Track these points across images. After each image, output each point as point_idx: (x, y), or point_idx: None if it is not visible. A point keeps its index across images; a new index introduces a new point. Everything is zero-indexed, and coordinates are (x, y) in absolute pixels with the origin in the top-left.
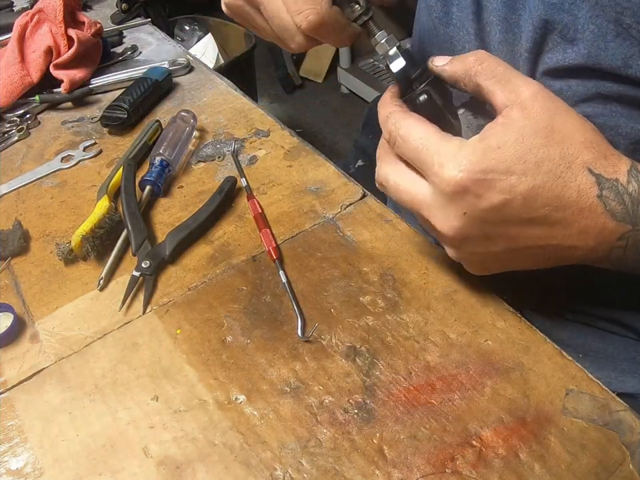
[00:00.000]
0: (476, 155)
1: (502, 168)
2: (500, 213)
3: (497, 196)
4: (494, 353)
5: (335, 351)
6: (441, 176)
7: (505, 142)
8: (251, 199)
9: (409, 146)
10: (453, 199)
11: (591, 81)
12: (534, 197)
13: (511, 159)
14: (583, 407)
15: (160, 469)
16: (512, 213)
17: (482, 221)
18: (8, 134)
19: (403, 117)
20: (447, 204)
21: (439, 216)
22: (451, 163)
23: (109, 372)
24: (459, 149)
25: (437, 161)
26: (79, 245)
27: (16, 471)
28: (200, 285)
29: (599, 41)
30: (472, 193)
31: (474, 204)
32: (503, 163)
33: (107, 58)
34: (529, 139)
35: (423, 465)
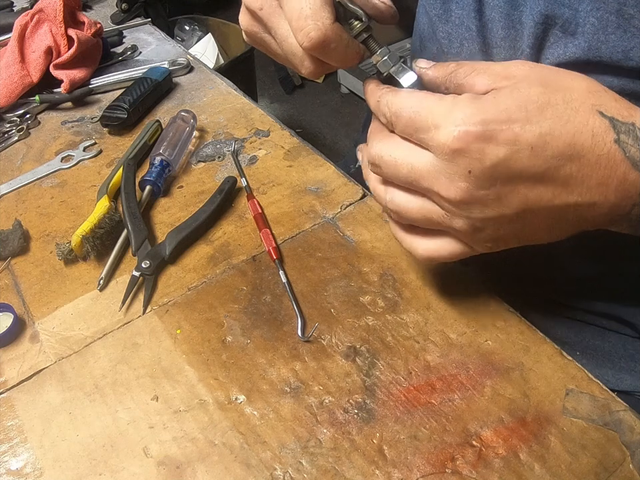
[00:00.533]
0: (471, 107)
1: (502, 117)
2: (507, 167)
3: (501, 148)
4: (494, 353)
5: (335, 350)
6: (438, 137)
7: (500, 93)
8: (251, 199)
9: (403, 119)
10: (454, 158)
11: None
12: (542, 146)
13: (510, 108)
14: (583, 407)
15: (160, 469)
16: (521, 167)
17: (490, 179)
18: (8, 134)
19: (393, 95)
20: (450, 165)
21: (443, 181)
22: (445, 121)
23: (109, 372)
24: (452, 105)
25: (431, 123)
26: (79, 244)
27: (16, 471)
28: (200, 285)
29: (599, 33)
30: (474, 148)
31: (478, 160)
32: (502, 112)
33: (107, 58)
34: (524, 89)
35: (423, 465)
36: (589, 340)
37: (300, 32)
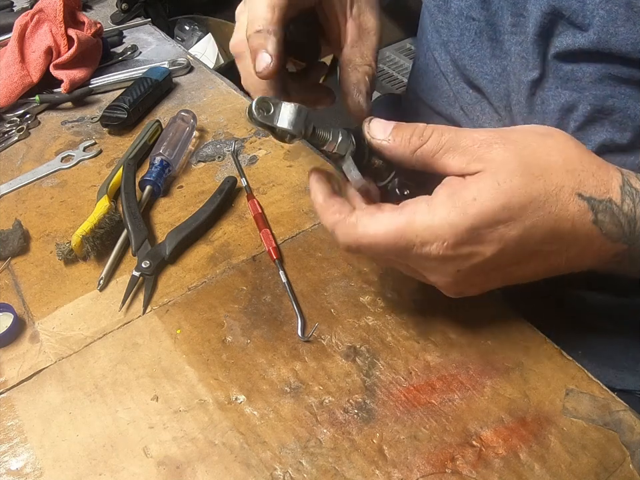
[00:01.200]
0: (452, 216)
1: (487, 221)
2: (494, 261)
3: (487, 249)
4: (494, 353)
5: (335, 350)
6: (427, 252)
7: (480, 191)
8: (251, 199)
9: (378, 248)
10: (444, 264)
11: (601, 63)
12: (527, 239)
13: (493, 209)
14: (583, 407)
15: (160, 469)
16: (506, 258)
17: (477, 272)
18: (8, 134)
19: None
20: (440, 269)
21: (431, 277)
22: (431, 236)
23: (109, 372)
24: (432, 217)
25: (417, 242)
26: (79, 244)
27: (16, 471)
28: (200, 285)
29: (608, 26)
30: (462, 254)
31: (467, 261)
32: (486, 215)
33: (106, 58)
34: (505, 182)
35: (423, 465)
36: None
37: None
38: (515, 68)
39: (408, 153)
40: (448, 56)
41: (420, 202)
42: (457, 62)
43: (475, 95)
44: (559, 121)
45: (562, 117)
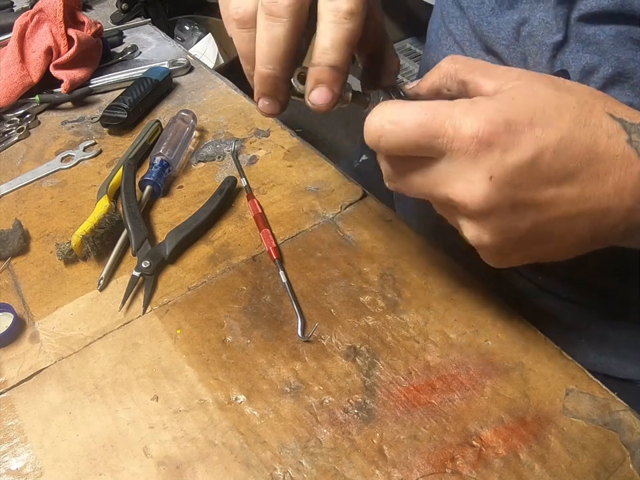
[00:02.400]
0: (493, 106)
1: (523, 118)
2: (530, 172)
3: (524, 151)
4: (494, 353)
5: (335, 350)
6: (459, 137)
7: (517, 94)
8: (251, 199)
9: (406, 130)
10: (476, 158)
11: (624, 26)
12: (564, 149)
13: (530, 109)
14: (583, 407)
15: (160, 469)
16: (542, 171)
17: (511, 185)
18: (8, 134)
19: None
20: (471, 167)
21: (461, 185)
22: (467, 119)
23: (109, 372)
24: (471, 105)
25: (449, 125)
26: (79, 244)
27: (16, 471)
28: (200, 285)
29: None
30: (498, 146)
31: (501, 161)
32: (523, 113)
33: (107, 58)
34: (540, 90)
35: (423, 465)
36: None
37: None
38: (537, 33)
39: (442, 77)
40: (467, 22)
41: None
42: (476, 28)
43: (491, 59)
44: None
45: (582, 79)
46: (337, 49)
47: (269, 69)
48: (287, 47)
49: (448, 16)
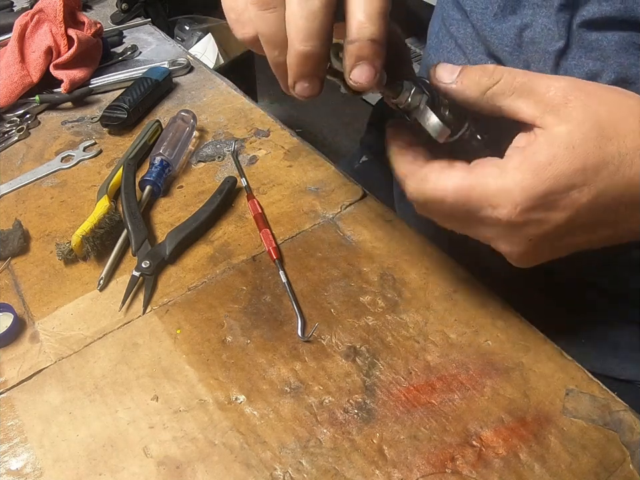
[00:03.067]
0: (527, 180)
1: (560, 186)
2: (566, 227)
3: (561, 215)
4: (494, 353)
5: (335, 350)
6: (497, 216)
7: (555, 156)
8: (251, 199)
9: (445, 205)
10: (515, 231)
11: (626, 31)
12: (598, 204)
13: (568, 173)
14: (583, 407)
15: (160, 469)
16: (578, 224)
17: (549, 240)
18: (8, 134)
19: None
20: (510, 237)
21: (503, 246)
22: (503, 200)
23: (109, 372)
24: (505, 181)
25: (486, 204)
26: (79, 244)
27: (16, 471)
28: (200, 285)
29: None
30: (534, 219)
31: (539, 228)
32: (561, 179)
33: (107, 58)
34: (580, 146)
35: (423, 465)
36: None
37: None
38: (539, 39)
39: (478, 94)
40: (469, 25)
41: (492, 165)
42: (479, 32)
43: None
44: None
45: None
46: (374, 21)
47: (309, 46)
48: (326, 20)
49: (449, 18)
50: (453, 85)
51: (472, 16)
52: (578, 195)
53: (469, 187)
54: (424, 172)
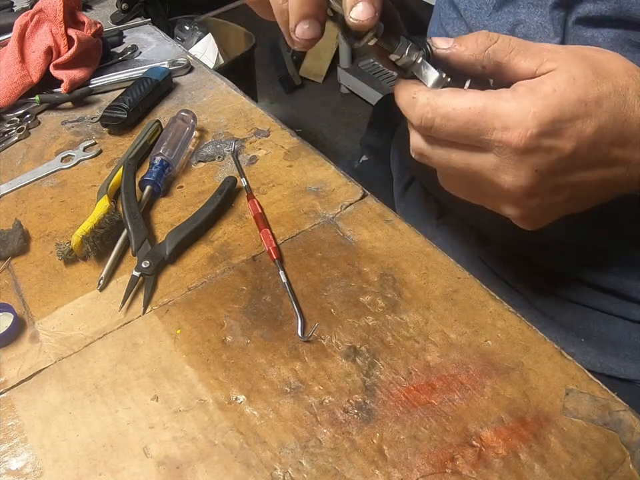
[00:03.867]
0: (537, 105)
1: (567, 114)
2: (569, 160)
3: (566, 144)
4: (494, 353)
5: (335, 350)
6: (508, 139)
7: (558, 85)
8: (251, 199)
9: (455, 122)
10: (523, 158)
11: (621, 29)
12: (600, 138)
13: (572, 102)
14: (583, 407)
15: (160, 469)
16: (580, 158)
17: (552, 174)
18: (8, 134)
19: (435, 94)
20: (517, 164)
21: (507, 178)
22: (515, 122)
23: (109, 372)
24: (517, 104)
25: (498, 125)
26: (79, 244)
27: (16, 471)
28: (200, 285)
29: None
30: (544, 147)
31: (546, 157)
32: (567, 107)
33: (107, 58)
34: (580, 78)
35: (423, 465)
36: (594, 327)
37: None
38: (534, 37)
39: (477, 53)
40: (464, 24)
41: (503, 91)
42: (473, 30)
43: None
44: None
45: None
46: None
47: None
48: None
49: (445, 17)
50: (453, 49)
51: (466, 14)
52: (582, 125)
53: (483, 106)
54: (437, 90)
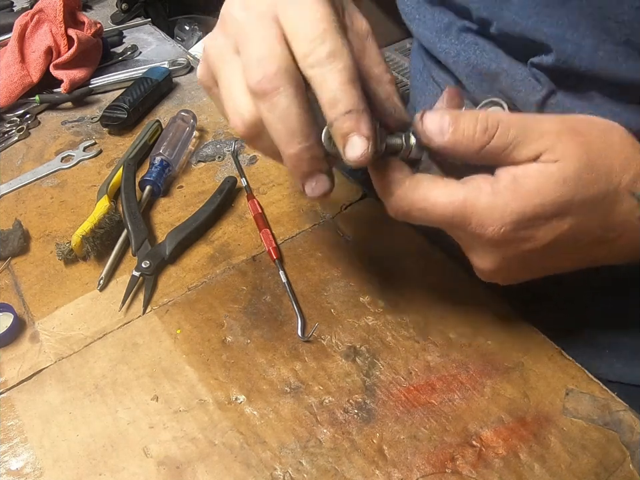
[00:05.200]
0: (517, 201)
1: (547, 213)
2: (542, 252)
3: (541, 239)
4: (494, 353)
5: (335, 350)
6: (481, 233)
7: (545, 185)
8: (251, 199)
9: (432, 216)
10: (494, 249)
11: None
12: (580, 233)
13: (556, 203)
14: (583, 407)
15: (160, 469)
16: (554, 250)
17: (521, 262)
18: (8, 134)
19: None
20: (488, 251)
21: (476, 259)
22: (491, 219)
23: (109, 372)
24: (495, 201)
25: (474, 221)
26: (79, 244)
27: (16, 471)
28: (200, 285)
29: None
30: (516, 241)
31: (517, 248)
32: (549, 208)
33: (107, 58)
34: (571, 180)
35: (423, 465)
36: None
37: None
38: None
39: (472, 152)
40: (449, 75)
41: (483, 182)
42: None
43: None
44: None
45: None
46: (343, 93)
47: (296, 144)
48: (301, 112)
49: (430, 65)
50: (446, 142)
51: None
52: (561, 222)
53: (462, 201)
54: (413, 181)
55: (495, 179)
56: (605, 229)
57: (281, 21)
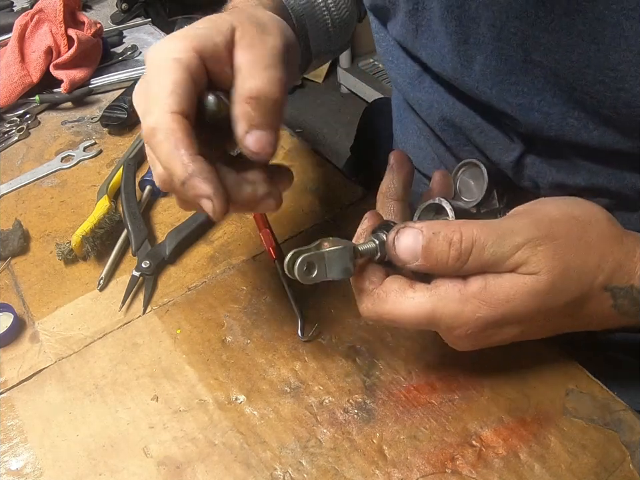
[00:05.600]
0: (483, 311)
1: (513, 319)
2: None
3: (509, 333)
4: (494, 353)
5: (335, 350)
6: (448, 333)
7: (514, 296)
8: None
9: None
10: (462, 340)
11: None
12: (549, 324)
13: (522, 313)
14: (583, 407)
15: (160, 469)
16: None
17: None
18: (8, 134)
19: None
20: (455, 340)
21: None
22: (458, 324)
23: (109, 372)
24: (463, 308)
25: (443, 326)
26: (79, 244)
27: (16, 471)
28: (200, 285)
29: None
30: (482, 337)
31: (486, 340)
32: (515, 315)
33: (106, 58)
34: (543, 293)
35: (423, 465)
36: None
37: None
38: (494, 152)
39: (446, 275)
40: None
41: (452, 288)
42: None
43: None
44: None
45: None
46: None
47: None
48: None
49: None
50: (420, 266)
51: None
52: (527, 324)
53: (430, 310)
54: (381, 294)
55: (464, 284)
56: (575, 318)
57: None
